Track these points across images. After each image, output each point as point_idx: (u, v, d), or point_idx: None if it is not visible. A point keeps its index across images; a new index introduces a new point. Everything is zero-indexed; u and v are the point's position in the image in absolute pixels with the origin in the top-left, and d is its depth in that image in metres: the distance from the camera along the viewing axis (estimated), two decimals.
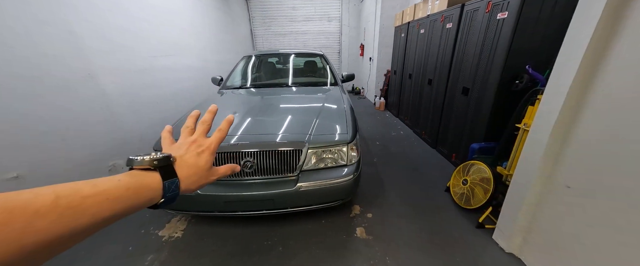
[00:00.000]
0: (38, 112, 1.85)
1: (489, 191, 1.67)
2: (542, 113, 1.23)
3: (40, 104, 1.87)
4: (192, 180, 0.39)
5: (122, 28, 2.68)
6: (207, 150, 0.42)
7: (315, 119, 1.77)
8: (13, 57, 1.71)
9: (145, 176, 0.34)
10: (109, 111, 2.50)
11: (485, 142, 2.15)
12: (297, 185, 1.46)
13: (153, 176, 0.35)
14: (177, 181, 0.37)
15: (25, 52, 1.78)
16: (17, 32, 1.74)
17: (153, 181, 0.35)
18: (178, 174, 0.37)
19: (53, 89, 1.97)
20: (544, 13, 1.77)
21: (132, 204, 0.32)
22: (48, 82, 1.92)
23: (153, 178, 0.35)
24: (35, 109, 1.83)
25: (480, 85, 2.21)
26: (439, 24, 2.89)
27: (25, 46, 1.78)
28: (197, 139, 0.43)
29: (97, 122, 2.37)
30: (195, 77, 4.24)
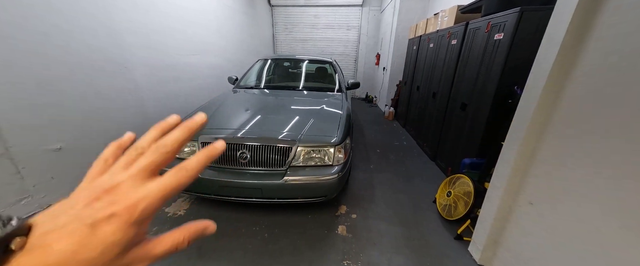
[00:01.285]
0: (80, 95, 2.21)
1: (469, 204, 1.73)
2: (512, 131, 1.30)
3: (82, 87, 2.22)
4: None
5: (156, 27, 3.05)
6: (126, 214, 0.20)
7: (310, 120, 1.94)
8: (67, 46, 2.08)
9: None
10: (138, 99, 2.86)
11: (476, 157, 2.18)
12: (284, 178, 1.63)
13: None
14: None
15: (74, 44, 2.15)
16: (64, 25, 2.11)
17: None
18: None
19: (94, 77, 2.33)
20: (536, 36, 1.81)
21: None
22: (89, 71, 2.28)
23: None
24: (78, 91, 2.19)
25: (477, 102, 2.25)
26: (446, 39, 2.96)
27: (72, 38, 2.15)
28: (116, 187, 0.21)
29: (127, 107, 2.73)
30: (216, 75, 4.61)
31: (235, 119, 1.96)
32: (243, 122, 1.87)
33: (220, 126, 1.83)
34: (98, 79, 2.36)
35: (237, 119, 1.94)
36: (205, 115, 0.27)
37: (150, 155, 0.23)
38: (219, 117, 1.97)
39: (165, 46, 3.24)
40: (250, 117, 1.98)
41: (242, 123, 1.86)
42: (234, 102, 2.40)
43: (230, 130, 1.77)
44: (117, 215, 0.19)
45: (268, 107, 2.29)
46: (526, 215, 1.25)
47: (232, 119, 1.95)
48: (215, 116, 1.99)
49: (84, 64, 2.22)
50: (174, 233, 0.23)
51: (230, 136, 1.70)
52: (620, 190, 0.86)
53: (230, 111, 2.10)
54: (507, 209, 1.37)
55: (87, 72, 2.25)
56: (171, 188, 0.22)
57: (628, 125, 0.83)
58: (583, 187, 0.99)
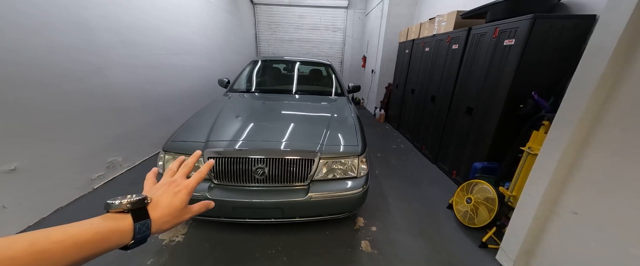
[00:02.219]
0: (43, 101, 1.80)
1: (494, 211, 1.71)
2: (550, 140, 1.28)
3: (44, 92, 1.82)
4: (164, 220, 0.41)
5: (133, 24, 2.66)
6: (185, 189, 0.45)
7: (326, 129, 1.79)
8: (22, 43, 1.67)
9: (117, 220, 0.36)
10: (113, 105, 2.46)
11: (487, 162, 2.20)
12: (308, 195, 1.46)
13: (125, 219, 0.37)
14: (148, 222, 0.38)
15: (35, 41, 1.75)
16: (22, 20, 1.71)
17: (124, 224, 0.36)
18: (151, 215, 0.39)
19: (61, 79, 1.92)
20: (548, 43, 1.87)
21: (100, 248, 0.34)
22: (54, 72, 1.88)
23: (125, 221, 0.36)
24: (40, 98, 1.78)
25: (485, 106, 2.28)
26: (445, 44, 3.00)
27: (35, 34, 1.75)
28: (176, 180, 0.46)
29: (100, 115, 2.32)
30: (200, 76, 4.22)
31: (241, 129, 1.73)
32: (252, 133, 1.66)
33: (226, 138, 1.60)
34: (65, 83, 1.96)
35: (243, 129, 1.71)
36: (200, 152, 0.58)
37: (181, 169, 0.51)
38: (222, 128, 1.72)
39: (145, 44, 2.85)
40: (257, 126, 1.77)
41: (251, 133, 1.65)
42: (234, 109, 2.15)
43: (239, 142, 1.55)
44: (183, 190, 0.45)
45: (273, 114, 2.08)
46: (568, 225, 1.23)
47: (238, 129, 1.71)
48: (217, 126, 1.74)
49: (48, 64, 1.82)
50: (198, 204, 0.48)
51: (242, 148, 1.48)
52: None
53: (234, 120, 1.86)
54: (544, 219, 1.35)
55: (51, 74, 1.85)
56: (196, 179, 0.48)
57: None
58: (636, 197, 0.97)
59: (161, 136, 3.07)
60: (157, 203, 0.41)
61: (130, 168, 2.70)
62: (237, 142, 1.53)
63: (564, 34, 1.85)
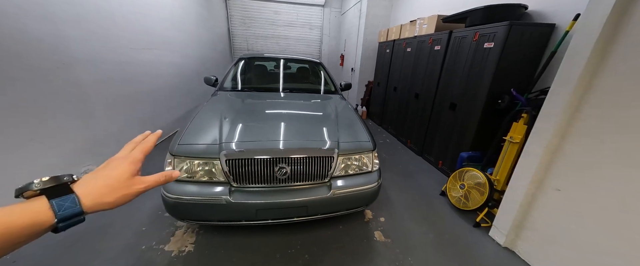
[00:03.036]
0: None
1: (485, 194, 1.94)
2: (537, 130, 1.51)
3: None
4: (102, 192, 0.37)
5: (99, 13, 2.34)
6: (127, 159, 0.42)
7: (336, 126, 1.83)
8: None
9: (26, 203, 0.33)
10: (84, 107, 2.14)
11: (472, 151, 2.48)
12: (332, 191, 1.48)
13: (38, 199, 0.34)
14: (73, 197, 0.35)
15: None
16: None
17: (37, 204, 0.33)
18: (77, 190, 0.36)
19: (14, 77, 1.62)
20: (521, 47, 2.17)
21: (11, 233, 0.30)
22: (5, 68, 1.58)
23: (37, 202, 0.33)
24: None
25: (467, 102, 2.55)
26: (427, 45, 3.25)
27: None
28: (117, 156, 0.44)
29: (70, 119, 2.01)
30: (174, 73, 3.89)
31: (254, 129, 1.67)
32: (268, 133, 1.61)
33: (242, 138, 1.53)
34: (26, 82, 1.66)
35: (258, 129, 1.66)
36: (161, 131, 0.53)
37: (128, 145, 0.47)
38: (233, 128, 1.64)
39: (115, 37, 2.53)
40: (271, 125, 1.73)
41: (267, 133, 1.60)
42: (237, 109, 2.04)
43: (259, 142, 1.50)
44: (124, 160, 0.42)
45: (279, 113, 2.04)
46: (552, 200, 1.48)
47: (252, 130, 1.65)
48: (227, 126, 1.65)
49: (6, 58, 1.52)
50: (155, 175, 0.44)
51: (263, 148, 1.44)
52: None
53: (243, 120, 1.78)
54: (531, 196, 1.59)
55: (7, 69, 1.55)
56: (141, 148, 0.46)
57: None
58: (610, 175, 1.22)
59: None
60: (88, 178, 0.38)
61: None
62: (256, 142, 1.48)
63: (531, 39, 2.17)
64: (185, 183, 1.39)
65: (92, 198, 0.36)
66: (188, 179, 1.40)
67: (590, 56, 1.24)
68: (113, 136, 2.50)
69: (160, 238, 1.65)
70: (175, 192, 1.33)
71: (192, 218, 1.42)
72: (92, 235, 1.64)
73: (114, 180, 0.38)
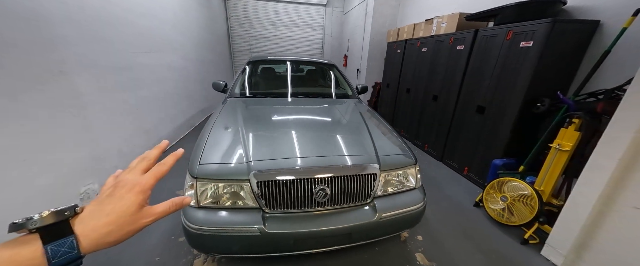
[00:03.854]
0: None
1: (534, 208, 1.76)
2: (608, 140, 1.34)
3: None
4: (106, 231, 0.32)
5: (99, 16, 2.10)
6: (137, 187, 0.36)
7: (371, 138, 1.62)
8: None
9: (19, 245, 0.28)
10: (83, 118, 1.90)
11: (506, 158, 2.30)
12: (377, 214, 1.28)
13: (30, 241, 0.29)
14: (71, 240, 0.30)
15: None
16: None
17: (28, 250, 0.28)
18: (77, 230, 0.31)
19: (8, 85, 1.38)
20: (562, 46, 2.00)
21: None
22: None
23: (28, 246, 0.28)
24: None
25: (499, 105, 2.38)
26: (447, 44, 3.07)
27: None
28: (125, 178, 0.37)
29: (68, 133, 1.76)
30: (177, 78, 3.65)
31: (283, 143, 1.45)
32: (300, 147, 1.40)
33: (273, 156, 1.31)
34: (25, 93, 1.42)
35: (287, 143, 1.44)
36: (167, 141, 0.47)
37: (138, 163, 0.40)
38: (259, 142, 1.42)
39: (114, 41, 2.29)
40: (300, 138, 1.51)
41: (300, 148, 1.39)
42: (256, 118, 1.81)
43: (295, 159, 1.28)
44: (134, 188, 0.35)
45: (302, 122, 1.83)
46: (627, 220, 1.30)
47: (281, 144, 1.43)
48: (250, 140, 1.43)
49: None
50: (165, 203, 0.38)
51: (298, 166, 1.23)
52: None
53: (266, 132, 1.57)
54: (597, 214, 1.42)
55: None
56: (154, 173, 0.38)
57: None
58: None
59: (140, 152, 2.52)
60: (91, 212, 0.32)
61: None
62: (291, 159, 1.27)
63: (573, 37, 2.01)
64: (210, 210, 1.17)
65: (93, 239, 0.31)
66: (213, 206, 1.18)
67: None
68: (115, 149, 2.26)
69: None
70: (199, 222, 1.11)
71: (219, 251, 1.20)
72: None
73: (119, 216, 0.33)
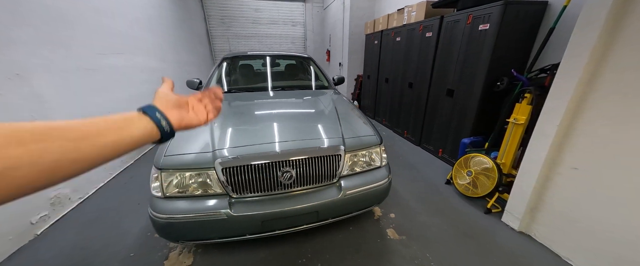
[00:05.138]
0: None
1: (494, 179, 1.89)
2: (547, 110, 1.46)
3: None
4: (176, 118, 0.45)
5: (62, 18, 2.07)
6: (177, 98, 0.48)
7: (338, 122, 1.70)
8: None
9: (131, 118, 0.39)
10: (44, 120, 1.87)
11: (474, 136, 2.43)
12: (342, 192, 1.36)
13: (140, 117, 0.40)
14: (166, 119, 0.43)
15: None
16: None
17: (141, 121, 0.40)
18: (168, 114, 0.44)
19: None
20: (516, 26, 2.12)
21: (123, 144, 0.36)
22: None
23: (141, 119, 0.40)
24: None
25: (465, 87, 2.50)
26: (418, 33, 3.18)
27: None
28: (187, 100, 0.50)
29: None
30: (152, 80, 3.60)
31: (249, 132, 1.50)
32: (264, 135, 1.46)
33: (237, 143, 1.36)
34: None
35: (252, 132, 1.50)
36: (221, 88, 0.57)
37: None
38: (225, 133, 1.47)
39: (79, 42, 2.26)
40: (266, 127, 1.57)
41: (264, 135, 1.45)
42: (227, 111, 1.86)
43: (257, 145, 1.34)
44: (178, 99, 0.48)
45: (274, 113, 1.88)
46: (569, 180, 1.43)
47: (247, 133, 1.49)
48: (218, 132, 1.48)
49: None
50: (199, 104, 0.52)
51: (262, 152, 1.28)
52: None
53: (234, 123, 1.61)
54: (545, 178, 1.55)
55: None
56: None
57: None
58: (630, 148, 1.17)
59: None
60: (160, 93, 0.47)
61: (82, 200, 2.14)
62: (255, 146, 1.32)
63: (526, 18, 2.13)
64: (176, 199, 1.22)
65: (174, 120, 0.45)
66: (180, 195, 1.23)
67: (604, 24, 1.18)
68: None
69: (152, 263, 1.46)
70: (165, 211, 1.15)
71: (188, 239, 1.24)
72: None
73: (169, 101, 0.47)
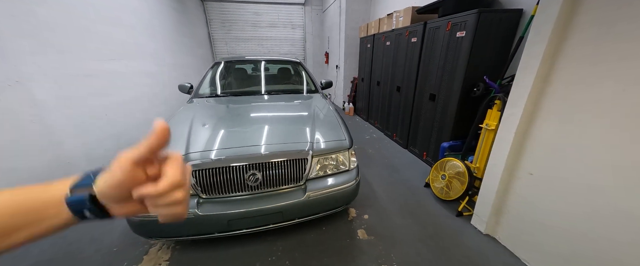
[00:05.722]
0: None
1: (465, 183, 1.94)
2: (507, 116, 1.52)
3: None
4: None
5: (56, 25, 2.23)
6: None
7: (311, 127, 1.79)
8: None
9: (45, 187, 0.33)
10: (43, 125, 2.04)
11: (453, 141, 2.49)
12: (307, 194, 1.45)
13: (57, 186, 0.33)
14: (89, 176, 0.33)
15: None
16: None
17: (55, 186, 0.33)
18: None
19: None
20: (491, 33, 2.17)
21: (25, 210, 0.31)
22: None
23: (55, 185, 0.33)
24: None
25: (446, 92, 2.56)
26: (404, 38, 3.24)
27: None
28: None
29: (28, 141, 1.91)
30: (150, 83, 3.78)
31: (223, 136, 1.62)
32: (236, 139, 1.57)
33: (209, 147, 1.48)
34: None
35: (226, 136, 1.61)
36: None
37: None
38: (200, 137, 1.59)
39: (76, 49, 2.42)
40: (239, 131, 1.68)
41: (236, 140, 1.56)
42: (207, 115, 1.99)
43: (227, 150, 1.45)
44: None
45: (252, 117, 1.99)
46: (526, 184, 1.48)
47: (220, 137, 1.60)
48: (195, 135, 1.60)
49: None
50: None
51: (232, 156, 1.39)
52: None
53: (211, 127, 1.73)
54: (506, 182, 1.60)
55: None
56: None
57: None
58: (577, 155, 1.23)
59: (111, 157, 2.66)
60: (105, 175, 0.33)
61: None
62: (225, 150, 1.43)
63: (501, 25, 2.18)
64: None
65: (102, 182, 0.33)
66: None
67: (550, 37, 1.24)
68: (84, 155, 2.40)
69: (132, 257, 1.58)
70: None
71: (161, 236, 1.36)
72: (59, 263, 1.57)
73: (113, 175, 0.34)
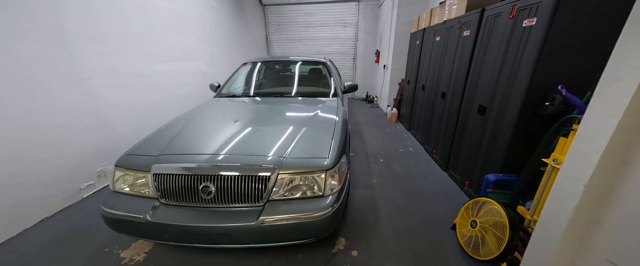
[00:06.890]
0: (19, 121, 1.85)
1: (504, 242, 1.32)
2: (577, 153, 0.90)
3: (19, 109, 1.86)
4: None
5: (120, 32, 2.68)
6: None
7: (295, 138, 1.56)
8: None
9: None
10: (102, 115, 2.50)
11: (503, 173, 1.78)
12: (260, 219, 1.24)
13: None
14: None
15: None
16: None
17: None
18: None
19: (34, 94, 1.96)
20: (581, 21, 1.40)
21: None
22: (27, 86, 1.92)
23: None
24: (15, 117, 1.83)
25: (500, 104, 1.85)
26: (456, 31, 2.55)
27: None
28: None
29: (89, 125, 2.37)
30: (200, 82, 4.25)
31: (198, 140, 1.58)
32: (206, 144, 1.49)
33: (183, 151, 1.45)
34: (46, 97, 2.00)
35: (199, 141, 1.56)
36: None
37: None
38: (181, 139, 1.58)
39: (135, 52, 2.88)
40: (216, 137, 1.60)
41: (205, 145, 1.48)
42: (207, 116, 2.01)
43: (196, 155, 1.39)
44: None
45: (249, 120, 1.90)
46: None
47: (195, 141, 1.56)
48: (179, 137, 1.61)
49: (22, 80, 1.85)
50: None
51: (191, 163, 1.32)
52: None
53: (197, 130, 1.72)
54: (569, 261, 0.97)
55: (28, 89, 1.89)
56: None
57: None
58: None
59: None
60: None
61: None
62: (188, 155, 1.37)
63: (597, 10, 1.37)
64: (123, 196, 1.40)
65: None
66: (125, 192, 1.41)
67: None
68: (131, 139, 2.86)
69: (124, 242, 1.73)
70: (107, 205, 1.35)
71: (125, 232, 1.41)
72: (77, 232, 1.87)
73: None
